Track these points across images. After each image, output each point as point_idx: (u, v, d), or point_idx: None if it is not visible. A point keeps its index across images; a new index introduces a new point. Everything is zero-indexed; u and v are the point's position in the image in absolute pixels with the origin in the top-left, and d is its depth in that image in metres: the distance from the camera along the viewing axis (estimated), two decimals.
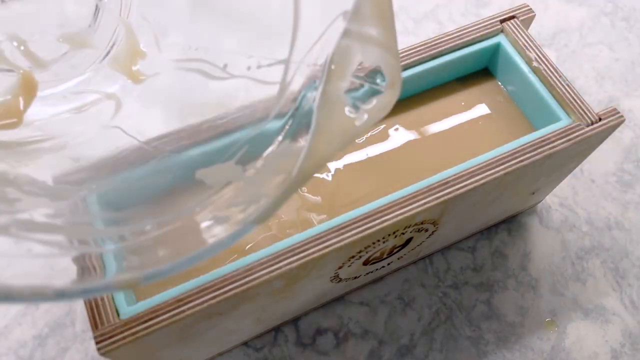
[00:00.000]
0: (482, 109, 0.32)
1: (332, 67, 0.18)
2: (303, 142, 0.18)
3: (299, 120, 0.20)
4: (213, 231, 0.18)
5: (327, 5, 0.18)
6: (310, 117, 0.18)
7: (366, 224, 0.25)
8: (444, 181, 0.26)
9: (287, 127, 0.20)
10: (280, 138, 0.20)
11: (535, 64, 0.30)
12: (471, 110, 0.32)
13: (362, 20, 0.17)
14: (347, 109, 0.18)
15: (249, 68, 0.22)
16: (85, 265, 0.21)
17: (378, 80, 0.18)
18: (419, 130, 0.31)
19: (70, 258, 0.20)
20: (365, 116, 0.18)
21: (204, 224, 0.19)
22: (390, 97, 0.18)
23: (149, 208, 0.22)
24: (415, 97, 0.32)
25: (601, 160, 0.41)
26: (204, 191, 0.20)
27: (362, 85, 0.18)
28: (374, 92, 0.18)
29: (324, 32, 0.19)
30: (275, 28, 0.21)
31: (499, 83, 0.32)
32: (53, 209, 0.20)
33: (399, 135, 0.31)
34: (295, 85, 0.20)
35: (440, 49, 0.30)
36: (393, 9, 0.18)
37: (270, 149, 0.20)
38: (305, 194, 0.29)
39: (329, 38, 0.18)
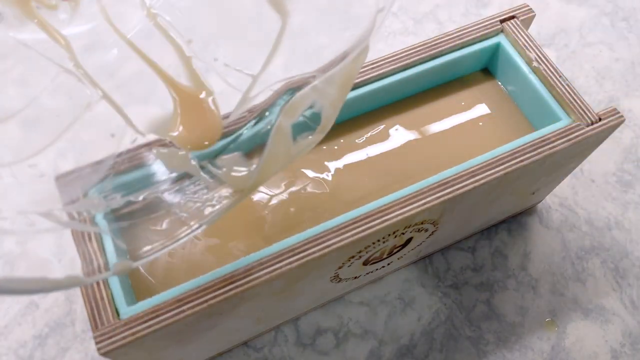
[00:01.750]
0: (482, 109, 0.32)
1: (291, 107, 0.22)
2: (255, 160, 0.23)
3: (255, 139, 0.24)
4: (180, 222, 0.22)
5: (305, 60, 0.23)
6: (263, 137, 0.22)
7: (366, 224, 0.25)
8: (444, 181, 0.26)
9: (241, 139, 0.25)
10: (235, 149, 0.25)
11: (535, 64, 0.30)
12: (471, 110, 0.32)
13: (330, 84, 0.22)
14: (291, 141, 0.22)
15: (215, 59, 0.23)
16: (88, 256, 0.23)
17: (314, 123, 0.23)
18: (419, 130, 0.31)
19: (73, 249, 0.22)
20: (300, 147, 0.23)
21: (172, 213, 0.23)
22: (318, 137, 0.23)
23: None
24: (415, 97, 0.32)
25: (601, 160, 0.41)
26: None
27: (304, 123, 0.23)
28: (308, 129, 0.23)
29: (294, 76, 0.23)
30: (254, 39, 0.24)
31: (499, 83, 0.32)
32: None
33: (399, 135, 0.31)
34: (256, 102, 0.24)
35: (440, 49, 0.30)
36: (352, 84, 0.23)
37: (225, 155, 0.24)
38: (307, 190, 0.29)
39: (297, 81, 0.23)
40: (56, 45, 0.22)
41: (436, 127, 0.31)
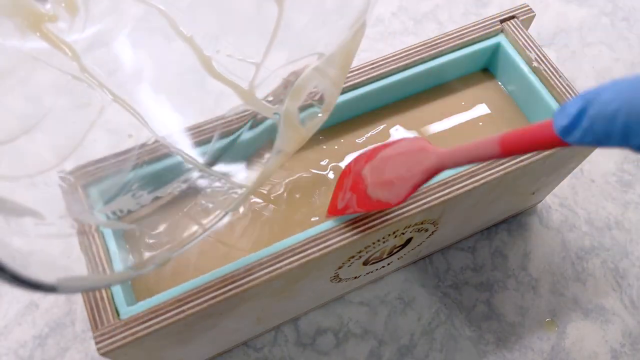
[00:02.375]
0: (482, 109, 0.32)
1: (296, 90, 0.23)
2: (267, 154, 0.24)
3: (264, 134, 0.25)
4: (198, 218, 0.23)
5: (306, 41, 0.24)
6: (268, 130, 0.24)
7: (366, 224, 0.25)
8: (444, 181, 0.26)
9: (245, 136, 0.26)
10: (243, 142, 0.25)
11: (535, 64, 0.30)
12: (471, 110, 0.32)
13: (330, 64, 0.23)
14: (299, 123, 0.23)
15: (217, 51, 0.23)
16: (91, 255, 0.24)
17: (318, 105, 0.24)
18: (419, 130, 0.31)
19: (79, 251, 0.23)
20: (309, 128, 0.23)
21: (190, 208, 0.24)
22: (323, 117, 0.24)
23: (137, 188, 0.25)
24: (415, 97, 0.32)
25: (601, 160, 0.41)
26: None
27: (309, 105, 0.24)
28: (313, 111, 0.24)
29: (297, 59, 0.24)
30: (253, 31, 0.24)
31: (499, 83, 0.32)
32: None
33: (399, 135, 0.31)
34: (261, 91, 0.24)
35: (440, 49, 0.30)
36: (352, 61, 0.24)
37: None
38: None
39: (300, 66, 0.24)
40: (59, 53, 0.22)
41: (436, 127, 0.31)
